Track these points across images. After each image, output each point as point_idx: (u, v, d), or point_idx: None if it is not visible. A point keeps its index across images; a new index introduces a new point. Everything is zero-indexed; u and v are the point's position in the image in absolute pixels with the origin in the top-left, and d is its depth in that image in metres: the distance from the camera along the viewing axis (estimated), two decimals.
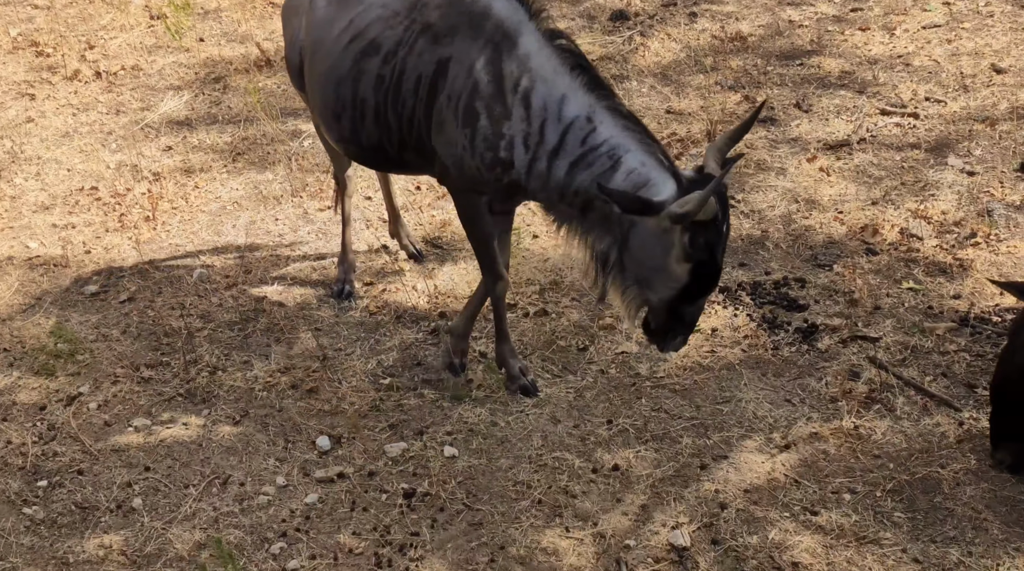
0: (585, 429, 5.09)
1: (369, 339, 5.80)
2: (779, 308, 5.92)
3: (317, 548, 4.42)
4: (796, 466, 4.81)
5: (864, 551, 4.34)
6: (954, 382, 5.27)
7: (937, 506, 4.55)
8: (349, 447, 5.01)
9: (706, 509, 4.58)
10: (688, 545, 4.39)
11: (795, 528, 4.46)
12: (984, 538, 4.36)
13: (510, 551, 4.38)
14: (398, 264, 6.42)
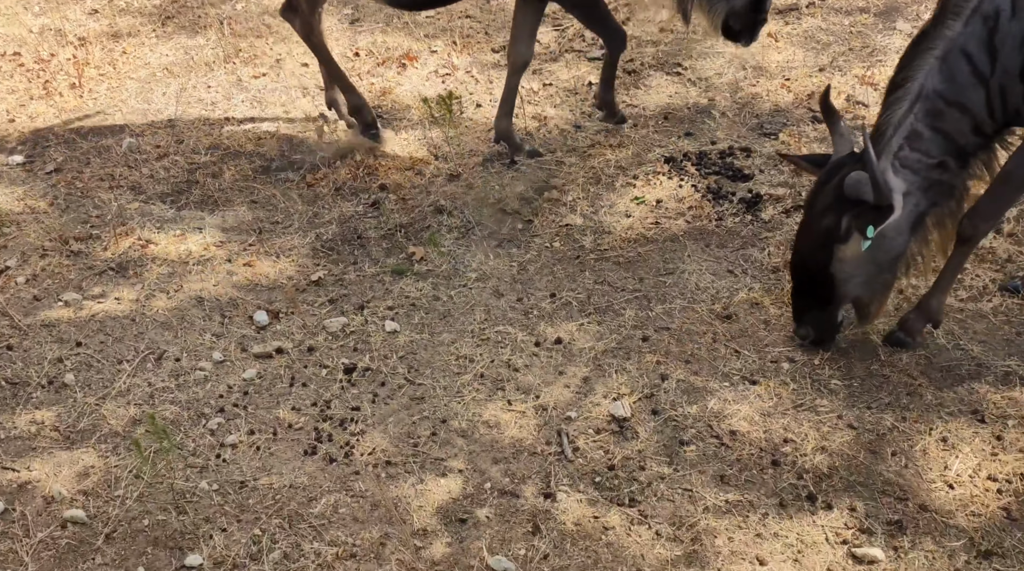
0: (528, 303, 5.05)
1: (307, 212, 5.66)
2: (724, 178, 5.86)
3: (256, 423, 4.38)
4: (737, 336, 4.82)
5: (801, 418, 4.39)
6: None
7: (873, 373, 4.60)
8: (288, 322, 4.93)
9: (647, 380, 4.59)
10: (629, 415, 4.41)
11: (734, 397, 4.49)
12: (918, 403, 4.43)
13: (452, 424, 4.38)
14: (337, 134, 6.23)
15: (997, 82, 4.10)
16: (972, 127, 4.20)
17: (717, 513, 3.99)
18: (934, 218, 4.40)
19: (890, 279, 4.49)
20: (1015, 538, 3.86)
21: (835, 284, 4.43)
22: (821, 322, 4.58)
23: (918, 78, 4.17)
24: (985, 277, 5.05)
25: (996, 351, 4.67)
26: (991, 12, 4.04)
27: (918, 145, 4.23)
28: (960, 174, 4.33)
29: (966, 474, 4.12)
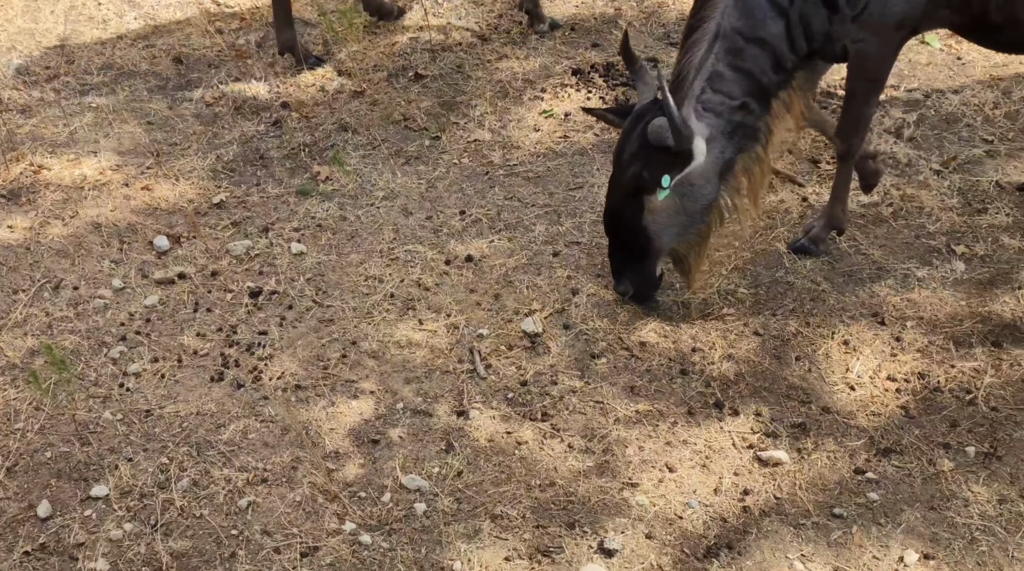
0: (438, 221, 5.00)
1: (207, 133, 5.49)
2: (631, 90, 5.82)
3: (160, 350, 4.29)
4: None
5: (708, 327, 4.44)
6: (799, 158, 5.33)
7: (779, 280, 4.66)
8: (190, 247, 4.81)
9: (558, 295, 4.59)
10: (540, 331, 4.41)
11: (643, 310, 4.51)
12: (821, 308, 4.51)
13: (362, 346, 4.34)
14: (235, 51, 6.03)
15: (797, 11, 4.07)
16: (773, 63, 4.14)
17: (627, 424, 4.04)
18: (742, 164, 4.29)
19: (704, 230, 4.36)
20: (913, 435, 3.98)
21: (649, 236, 4.29)
22: (641, 277, 4.42)
23: (715, 17, 4.08)
24: (886, 181, 5.13)
25: (896, 255, 4.76)
26: None
27: (720, 86, 4.13)
28: (763, 115, 4.23)
29: (867, 375, 4.22)
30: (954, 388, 4.16)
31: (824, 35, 4.16)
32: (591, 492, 3.78)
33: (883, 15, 4.09)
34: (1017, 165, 5.23)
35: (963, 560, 3.55)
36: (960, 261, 4.71)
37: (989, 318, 4.44)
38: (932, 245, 4.81)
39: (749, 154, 4.29)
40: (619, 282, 4.47)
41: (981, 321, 4.43)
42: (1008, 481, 3.81)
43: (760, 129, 4.25)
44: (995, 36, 4.26)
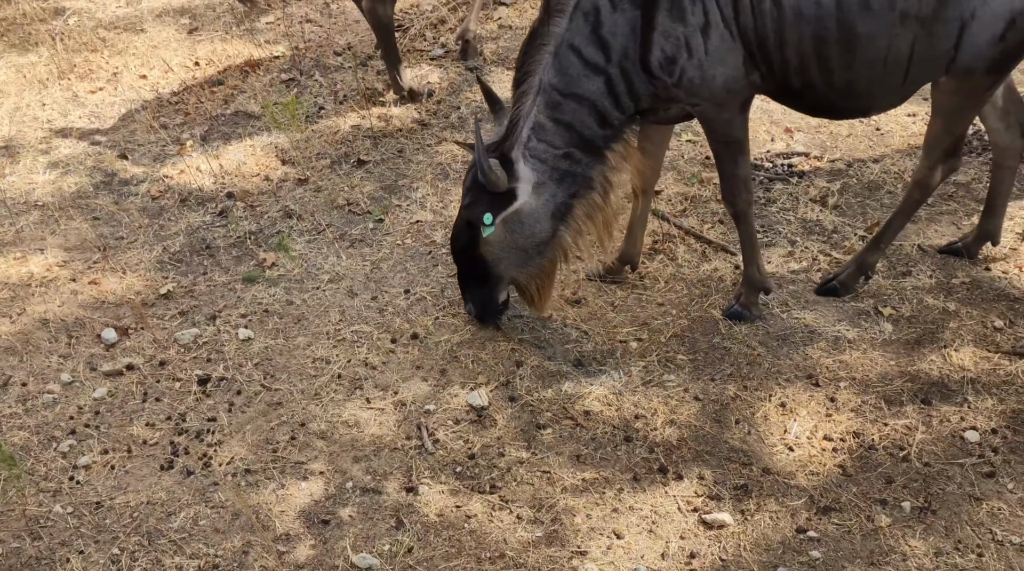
0: (383, 300, 5.10)
1: (153, 225, 5.58)
2: None
3: (109, 442, 4.32)
4: (587, 319, 4.97)
5: (650, 394, 4.56)
6: (730, 228, 5.52)
7: (716, 346, 4.81)
8: (137, 338, 4.87)
9: (503, 368, 4.70)
10: (486, 404, 4.50)
11: (586, 379, 4.63)
12: (757, 372, 4.66)
13: (311, 427, 4.40)
14: (179, 145, 6.16)
15: (617, 70, 4.27)
16: (597, 118, 4.36)
17: (575, 492, 4.13)
18: (583, 209, 4.54)
19: (547, 264, 4.63)
20: (851, 493, 4.10)
21: (486, 265, 4.61)
22: (482, 300, 4.75)
23: (537, 72, 4.32)
24: (814, 248, 5.33)
25: (827, 317, 4.94)
26: (590, 9, 4.20)
27: (543, 136, 4.38)
28: (595, 166, 4.46)
29: (804, 436, 4.35)
30: (888, 445, 4.30)
31: (651, 96, 4.35)
32: (541, 562, 3.85)
33: (704, 82, 4.26)
34: (937, 228, 5.46)
35: None
36: (888, 322, 4.90)
37: (918, 376, 4.61)
38: (860, 307, 4.99)
39: (586, 200, 4.54)
40: (466, 302, 4.81)
41: (910, 379, 4.60)
42: (943, 534, 3.93)
43: (594, 178, 4.50)
44: (799, 100, 4.48)
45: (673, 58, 4.21)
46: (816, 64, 4.23)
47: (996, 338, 4.77)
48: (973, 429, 4.34)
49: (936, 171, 4.72)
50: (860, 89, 4.32)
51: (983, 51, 4.22)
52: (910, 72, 4.28)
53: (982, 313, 4.91)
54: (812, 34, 4.16)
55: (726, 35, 4.18)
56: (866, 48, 4.18)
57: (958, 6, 4.13)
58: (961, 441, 4.29)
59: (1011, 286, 5.06)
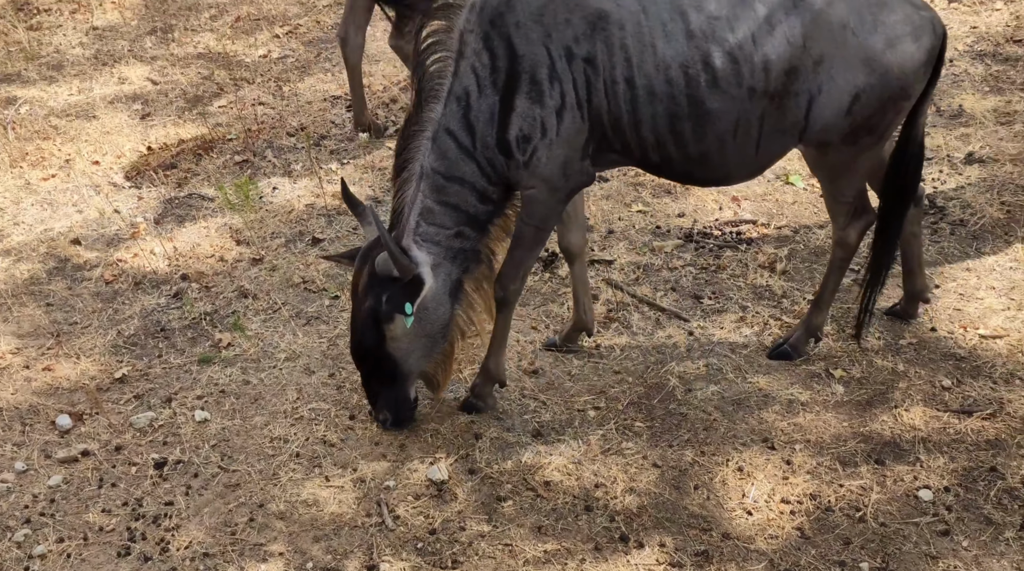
0: (340, 377, 5.11)
1: (107, 309, 5.57)
2: None
3: (65, 530, 4.25)
4: (544, 389, 5.01)
5: (609, 462, 4.59)
6: (683, 295, 5.61)
7: (672, 412, 4.86)
8: (92, 423, 4.82)
9: (462, 441, 4.71)
10: (446, 478, 4.50)
11: (545, 449, 4.66)
12: (714, 437, 4.71)
13: (270, 508, 4.37)
14: (133, 228, 6.17)
15: (482, 155, 4.36)
16: (478, 197, 4.44)
17: (537, 564, 4.12)
18: (471, 283, 4.63)
19: (448, 347, 4.66)
20: (809, 555, 4.14)
21: (396, 362, 4.53)
22: (396, 402, 4.65)
23: (418, 158, 4.39)
24: (765, 313, 5.43)
25: (780, 381, 5.01)
26: (462, 93, 4.29)
27: (432, 219, 4.43)
28: (481, 239, 4.57)
29: (762, 499, 4.39)
30: (844, 506, 4.35)
31: (508, 178, 4.43)
32: None
33: (549, 161, 4.32)
34: (885, 291, 5.58)
35: None
36: (839, 384, 4.99)
37: (870, 437, 4.68)
38: (812, 370, 5.08)
39: (475, 273, 4.62)
40: (377, 411, 4.69)
41: (863, 440, 4.67)
42: None
43: (481, 251, 4.60)
44: (663, 171, 4.60)
45: (528, 137, 4.28)
46: (671, 140, 4.36)
47: (944, 397, 4.87)
48: (926, 488, 4.40)
49: (850, 230, 4.85)
50: (715, 160, 4.44)
51: (832, 123, 4.39)
52: (762, 143, 4.42)
53: (930, 373, 5.01)
54: (665, 112, 4.28)
55: (577, 117, 4.28)
56: (717, 122, 4.32)
57: (805, 82, 4.30)
58: (915, 500, 4.36)
59: (956, 346, 5.18)
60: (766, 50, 4.25)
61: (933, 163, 6.55)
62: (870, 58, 4.32)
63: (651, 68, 4.23)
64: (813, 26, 4.27)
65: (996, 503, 4.32)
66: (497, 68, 4.23)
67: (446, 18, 4.31)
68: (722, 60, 4.24)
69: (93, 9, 8.50)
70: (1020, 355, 5.10)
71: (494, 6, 4.23)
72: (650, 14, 4.23)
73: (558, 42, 4.20)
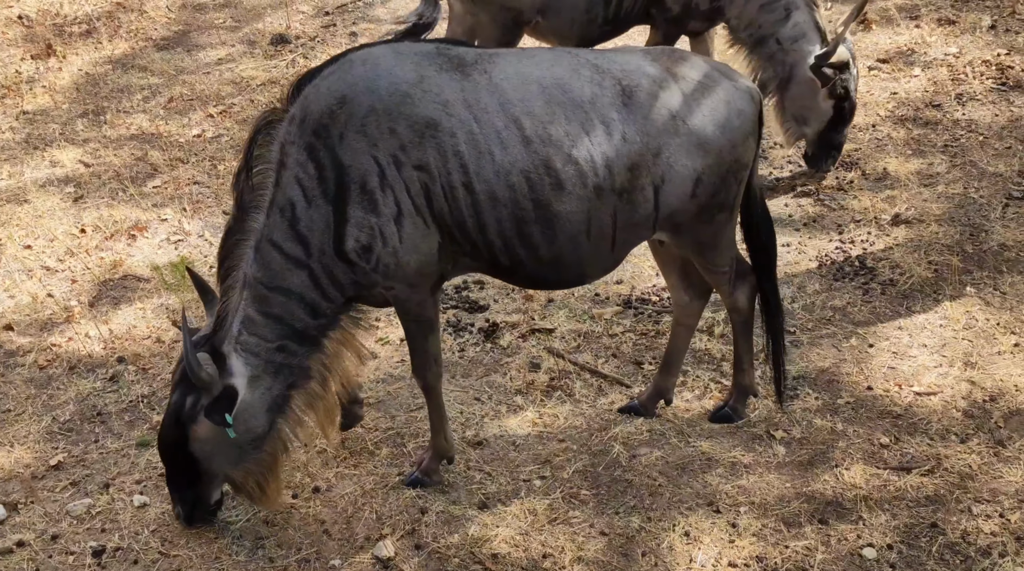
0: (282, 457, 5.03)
1: (41, 395, 5.45)
2: (462, 311, 6.13)
3: None
4: (489, 460, 4.99)
5: (557, 532, 4.57)
6: (623, 361, 5.66)
7: (617, 479, 4.87)
8: (28, 512, 4.70)
9: (408, 516, 4.66)
10: (392, 555, 4.45)
11: (492, 521, 4.63)
12: (660, 502, 4.72)
13: None
14: (67, 312, 6.08)
15: (319, 264, 4.26)
16: (307, 310, 4.31)
17: None
18: (302, 399, 4.45)
19: (266, 458, 4.45)
20: None
21: (197, 462, 4.36)
22: (193, 500, 4.48)
23: (241, 266, 4.27)
24: (705, 377, 5.49)
25: (722, 444, 5.06)
26: (286, 204, 4.20)
27: (254, 330, 4.29)
28: (312, 355, 4.40)
29: (709, 564, 4.40)
30: (791, 567, 4.37)
31: (354, 284, 4.34)
32: None
33: (399, 268, 4.29)
34: (819, 352, 5.69)
35: None
36: (780, 445, 5.04)
37: (813, 497, 4.73)
38: (754, 432, 5.13)
39: (305, 391, 4.44)
40: (175, 505, 4.51)
41: (806, 500, 4.71)
42: None
43: (312, 367, 4.42)
44: (512, 276, 4.59)
45: (369, 246, 4.22)
46: (520, 243, 4.34)
47: (884, 455, 4.95)
48: (870, 546, 4.45)
49: (738, 295, 4.94)
50: (569, 261, 4.45)
51: (681, 209, 4.50)
52: (617, 239, 4.48)
53: (868, 431, 5.10)
54: (510, 216, 4.27)
55: (419, 223, 4.24)
56: (567, 224, 4.33)
57: (648, 174, 4.39)
58: (860, 558, 4.40)
59: (892, 404, 5.27)
60: (604, 149, 4.31)
61: (861, 225, 6.73)
62: (703, 142, 4.45)
63: (490, 174, 4.23)
64: (645, 121, 4.37)
65: (938, 559, 4.38)
66: (325, 178, 4.17)
67: (268, 132, 4.25)
68: (564, 163, 4.27)
69: (23, 94, 8.45)
70: (954, 411, 5.21)
71: (316, 118, 4.17)
72: (482, 122, 4.23)
73: (385, 151, 4.16)
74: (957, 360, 5.56)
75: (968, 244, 6.47)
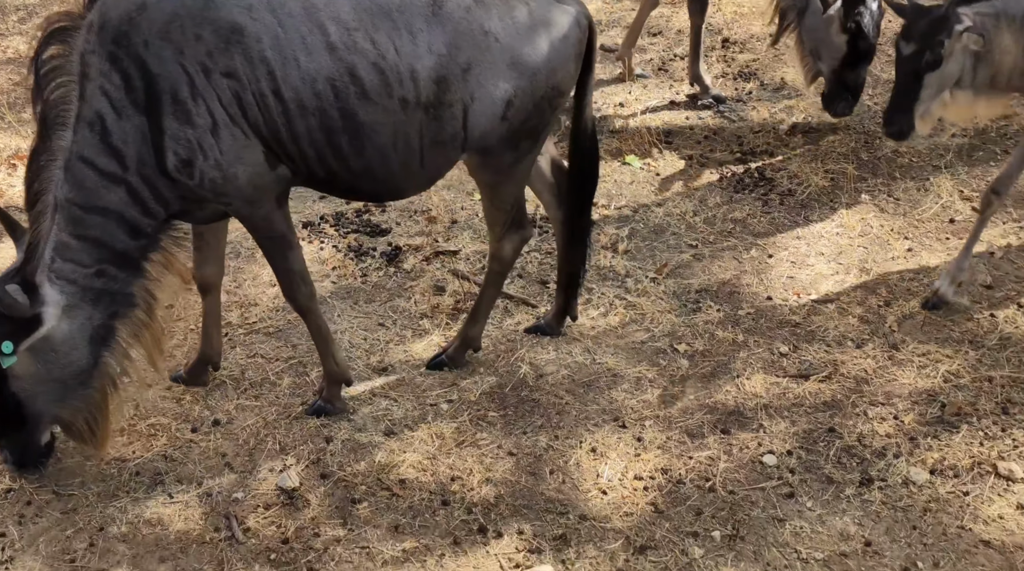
0: (179, 389, 4.91)
1: None
2: (363, 235, 6.00)
3: None
4: (395, 386, 4.93)
5: (464, 455, 4.55)
6: (529, 281, 5.62)
7: (525, 399, 4.86)
8: None
9: (312, 446, 4.59)
10: (297, 485, 4.38)
11: (399, 447, 4.59)
12: (567, 420, 4.73)
13: (111, 531, 4.17)
14: None
15: (138, 177, 4.05)
16: (127, 230, 4.11)
17: (395, 564, 4.06)
18: (128, 329, 4.27)
19: (94, 395, 4.27)
20: (664, 529, 4.20)
21: (20, 403, 4.14)
22: (23, 445, 4.29)
23: (50, 190, 4.02)
24: (610, 293, 5.49)
25: (628, 360, 5.07)
26: (94, 118, 3.97)
27: (69, 255, 4.07)
28: (134, 281, 4.22)
29: (616, 478, 4.44)
30: (695, 478, 4.43)
31: (180, 199, 4.15)
32: None
33: (227, 181, 4.11)
34: (721, 264, 5.73)
35: None
36: (684, 358, 5.08)
37: (715, 408, 4.79)
38: (658, 347, 5.16)
39: (130, 319, 4.27)
40: (1, 450, 4.34)
41: (709, 411, 4.77)
42: (752, 559, 4.07)
43: (135, 294, 4.24)
44: (330, 187, 4.48)
45: (189, 161, 4.03)
46: (331, 154, 4.21)
47: (783, 363, 5.03)
48: (771, 453, 4.53)
49: (505, 244, 4.80)
50: (380, 175, 4.34)
51: (490, 130, 4.36)
52: (426, 155, 4.35)
53: (768, 341, 5.16)
54: (319, 125, 4.13)
55: (238, 133, 4.06)
56: (374, 136, 4.20)
57: (457, 91, 4.24)
58: (761, 466, 4.48)
59: (791, 313, 5.35)
60: (411, 60, 4.15)
61: (760, 136, 6.75)
62: (516, 61, 4.30)
63: (297, 81, 4.06)
64: (455, 34, 4.20)
65: (836, 462, 4.49)
66: (133, 88, 3.94)
67: (63, 42, 3.97)
68: (368, 72, 4.12)
69: None
70: (850, 317, 5.31)
71: (115, 26, 3.93)
72: (287, 27, 4.05)
73: (192, 58, 3.95)
74: (853, 267, 5.66)
75: (863, 151, 6.55)
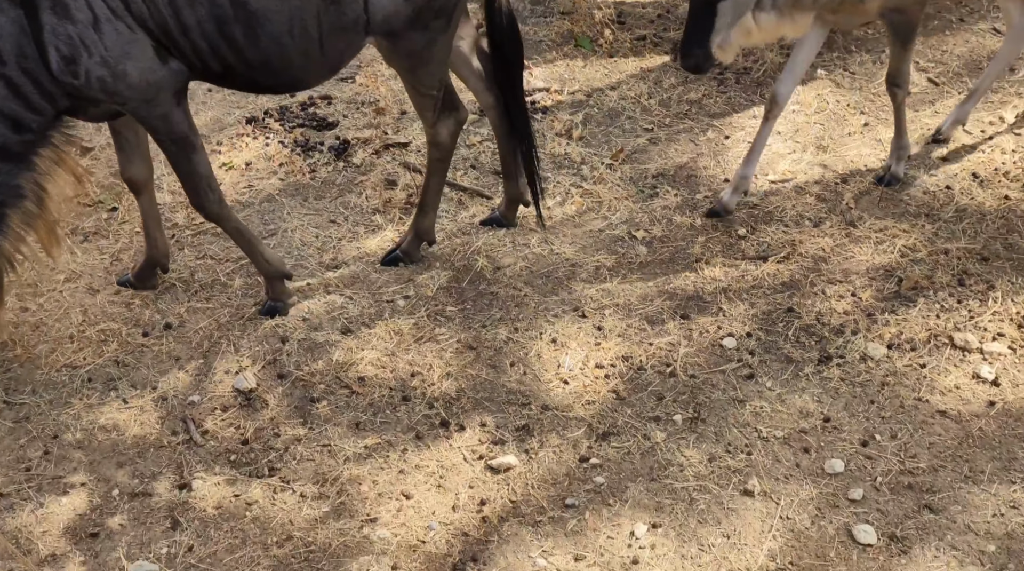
0: (128, 293, 4.79)
1: None
2: (310, 129, 5.83)
3: None
4: (349, 283, 4.84)
5: (424, 350, 4.50)
6: (483, 172, 5.50)
7: (483, 293, 4.79)
8: None
9: (268, 346, 4.51)
10: (254, 386, 4.32)
11: (356, 345, 4.52)
12: (526, 312, 4.68)
13: (65, 438, 4.09)
14: None
15: (18, 71, 3.88)
16: (9, 124, 3.95)
17: (358, 461, 4.03)
18: (18, 217, 4.17)
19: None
20: (626, 415, 4.20)
21: None
22: None
23: None
24: (566, 182, 5.39)
25: (586, 249, 5.01)
26: None
27: None
28: (20, 174, 4.08)
29: (577, 368, 4.41)
30: (655, 364, 4.42)
31: (67, 96, 3.99)
32: (331, 537, 3.74)
33: (117, 79, 3.95)
34: (677, 147, 5.64)
35: (686, 521, 3.78)
36: (642, 245, 5.02)
37: (675, 293, 4.76)
38: (616, 234, 5.09)
39: (20, 209, 4.15)
40: None
41: (669, 297, 4.74)
42: (714, 440, 4.09)
43: (23, 186, 4.11)
44: (228, 81, 4.31)
45: (72, 58, 3.85)
46: (225, 46, 4.04)
47: (741, 246, 4.98)
48: (730, 336, 4.52)
49: (440, 128, 4.66)
50: (277, 65, 4.18)
51: (394, 11, 4.19)
52: (326, 43, 4.18)
53: (726, 224, 5.11)
54: (209, 15, 3.96)
55: (122, 27, 3.88)
56: (268, 24, 4.03)
57: None
58: (720, 349, 4.47)
59: (749, 194, 5.28)
60: None
61: None
62: None
63: None
64: None
65: (795, 342, 4.49)
66: None
67: None
68: None
69: None
70: (807, 196, 5.26)
71: None
72: None
73: None
74: (810, 145, 5.59)
75: None
